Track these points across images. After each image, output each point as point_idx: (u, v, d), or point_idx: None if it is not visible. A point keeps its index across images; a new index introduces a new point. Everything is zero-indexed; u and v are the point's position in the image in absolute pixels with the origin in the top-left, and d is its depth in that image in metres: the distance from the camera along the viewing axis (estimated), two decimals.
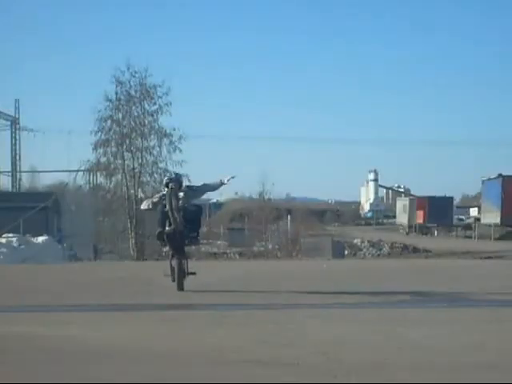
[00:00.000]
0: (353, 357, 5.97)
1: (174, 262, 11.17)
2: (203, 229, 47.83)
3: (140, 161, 34.58)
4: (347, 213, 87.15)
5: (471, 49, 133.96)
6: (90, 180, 37.04)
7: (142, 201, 11.96)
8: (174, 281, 11.16)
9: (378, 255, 36.60)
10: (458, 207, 67.87)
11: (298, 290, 11.49)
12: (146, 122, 35.40)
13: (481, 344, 6.72)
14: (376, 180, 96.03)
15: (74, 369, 5.34)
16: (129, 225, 33.82)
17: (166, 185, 11.43)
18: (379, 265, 20.02)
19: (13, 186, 58.66)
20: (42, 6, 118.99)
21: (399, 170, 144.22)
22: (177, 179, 11.67)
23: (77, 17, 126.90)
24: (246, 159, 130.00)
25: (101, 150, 34.87)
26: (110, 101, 34.73)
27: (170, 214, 10.99)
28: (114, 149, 34.91)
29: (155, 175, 35.49)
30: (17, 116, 62.01)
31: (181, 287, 11.03)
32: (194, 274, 11.29)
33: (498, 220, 45.24)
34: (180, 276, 11.05)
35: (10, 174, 60.38)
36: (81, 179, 37.31)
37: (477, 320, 8.26)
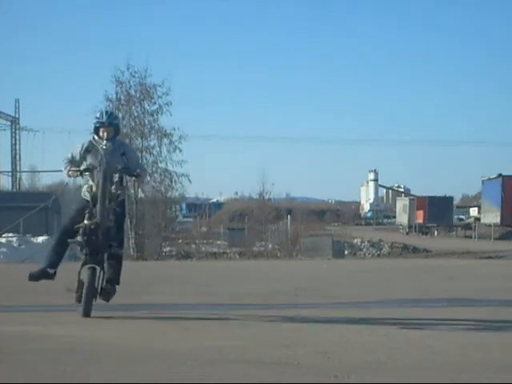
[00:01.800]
0: (353, 357, 5.97)
1: (85, 273, 7.89)
2: (203, 229, 48.03)
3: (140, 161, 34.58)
4: (347, 213, 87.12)
5: (472, 48, 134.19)
6: None
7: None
8: (79, 300, 7.93)
9: (378, 255, 36.59)
10: (458, 207, 67.89)
11: (297, 290, 11.48)
12: (146, 121, 35.46)
13: (481, 344, 6.72)
14: (376, 180, 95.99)
15: (74, 369, 5.34)
16: (128, 225, 33.80)
17: (96, 130, 8.14)
18: (379, 265, 20.01)
19: (13, 186, 58.71)
20: (43, 6, 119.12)
21: (399, 170, 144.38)
22: (110, 123, 8.11)
23: (77, 17, 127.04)
24: (246, 159, 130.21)
25: None
26: (110, 100, 34.77)
27: (97, 199, 7.76)
28: None
29: (155, 175, 35.56)
30: (17, 116, 62.08)
31: (87, 312, 7.77)
32: (106, 299, 8.01)
33: (497, 220, 45.22)
34: (89, 295, 7.77)
35: (10, 173, 60.42)
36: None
37: (477, 320, 8.26)
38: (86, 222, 7.79)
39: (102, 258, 7.88)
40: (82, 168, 8.10)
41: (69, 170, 8.12)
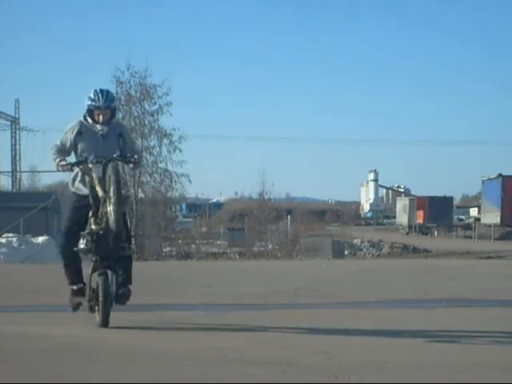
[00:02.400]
0: (353, 357, 5.97)
1: (96, 280, 7.12)
2: (203, 229, 48.03)
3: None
4: (347, 213, 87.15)
5: (472, 48, 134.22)
6: None
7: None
8: (92, 310, 7.29)
9: (378, 255, 36.63)
10: (458, 207, 67.96)
11: (297, 290, 11.47)
12: (146, 122, 35.51)
13: (481, 344, 6.72)
14: (376, 180, 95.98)
15: (74, 369, 5.33)
16: (129, 225, 33.78)
17: (90, 112, 7.25)
18: (379, 265, 20.00)
19: (13, 186, 58.70)
20: (43, 6, 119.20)
21: (399, 170, 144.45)
22: (107, 106, 7.24)
23: (77, 17, 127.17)
24: (246, 159, 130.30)
25: None
26: None
27: (99, 201, 6.95)
28: None
29: (155, 175, 35.59)
30: (17, 116, 62.08)
31: (106, 321, 7.07)
32: (123, 303, 7.36)
33: (497, 220, 45.24)
34: (107, 303, 7.04)
35: (10, 174, 60.41)
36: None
37: (477, 320, 8.26)
38: (93, 227, 7.03)
39: (112, 261, 7.21)
40: (72, 160, 7.29)
41: (58, 163, 7.24)
